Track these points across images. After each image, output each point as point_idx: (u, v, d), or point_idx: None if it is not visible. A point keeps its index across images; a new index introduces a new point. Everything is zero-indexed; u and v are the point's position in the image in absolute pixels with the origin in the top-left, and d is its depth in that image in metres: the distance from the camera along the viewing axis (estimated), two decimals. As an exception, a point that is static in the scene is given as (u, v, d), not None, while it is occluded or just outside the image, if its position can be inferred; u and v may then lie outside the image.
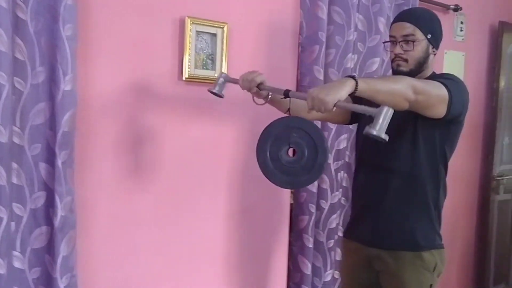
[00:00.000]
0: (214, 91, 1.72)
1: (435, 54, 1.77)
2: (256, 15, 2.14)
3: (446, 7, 3.02)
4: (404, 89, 1.45)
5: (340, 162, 2.46)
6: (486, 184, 3.49)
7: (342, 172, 2.49)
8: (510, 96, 3.51)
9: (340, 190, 2.50)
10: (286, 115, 1.68)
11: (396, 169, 1.70)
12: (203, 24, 1.95)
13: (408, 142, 1.68)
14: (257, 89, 1.63)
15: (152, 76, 1.87)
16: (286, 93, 1.54)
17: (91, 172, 1.77)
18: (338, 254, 2.49)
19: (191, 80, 1.94)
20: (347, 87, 1.38)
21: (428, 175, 1.69)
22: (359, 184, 1.83)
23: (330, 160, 2.40)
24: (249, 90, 1.64)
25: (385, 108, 1.30)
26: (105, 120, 1.78)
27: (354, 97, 1.51)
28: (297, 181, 1.57)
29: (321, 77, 2.32)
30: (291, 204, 2.39)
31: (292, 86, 2.29)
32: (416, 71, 1.72)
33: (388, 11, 2.63)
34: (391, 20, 2.63)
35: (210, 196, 2.07)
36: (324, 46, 2.31)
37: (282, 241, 2.33)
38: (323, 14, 2.28)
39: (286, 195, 2.33)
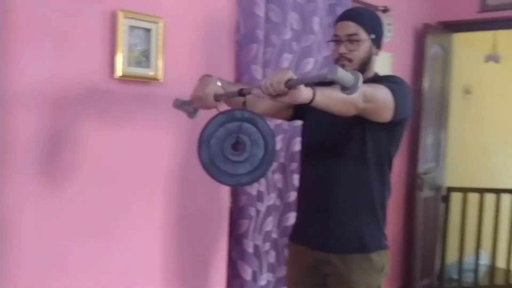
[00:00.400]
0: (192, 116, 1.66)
1: (377, 55, 1.77)
2: (192, 10, 2.02)
3: (375, 8, 3.07)
4: (355, 97, 1.41)
5: (275, 163, 2.41)
6: (412, 182, 3.62)
7: (278, 173, 2.44)
8: (433, 96, 3.67)
9: (276, 192, 2.45)
10: (229, 108, 1.60)
11: (344, 169, 1.68)
12: (137, 19, 1.80)
13: (357, 143, 1.66)
14: (217, 102, 1.53)
15: (81, 74, 1.70)
16: (241, 92, 1.45)
17: (12, 182, 1.56)
18: (272, 257, 2.44)
19: (125, 78, 1.79)
20: (307, 91, 1.32)
21: (374, 176, 1.68)
22: (306, 183, 1.79)
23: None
24: (208, 108, 1.53)
25: (338, 68, 1.21)
26: (29, 123, 1.58)
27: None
28: (243, 178, 1.48)
29: (260, 77, 2.25)
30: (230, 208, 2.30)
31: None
32: (360, 71, 1.70)
33: (322, 11, 2.62)
34: (325, 20, 2.66)
35: (146, 204, 1.93)
36: (262, 45, 2.24)
37: (221, 247, 2.23)
38: (260, 11, 2.21)
39: (225, 199, 2.24)
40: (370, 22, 1.72)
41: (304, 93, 1.30)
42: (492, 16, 3.43)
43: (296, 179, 2.56)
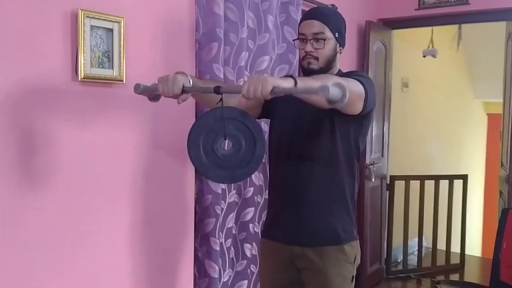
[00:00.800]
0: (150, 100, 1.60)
1: (341, 53, 1.82)
2: (152, 10, 1.99)
3: (324, 6, 3.14)
4: None
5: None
6: (361, 172, 3.75)
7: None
8: (377, 91, 3.81)
9: (236, 188, 2.48)
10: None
11: (316, 164, 1.72)
12: (98, 18, 1.75)
13: (327, 136, 1.71)
14: (183, 94, 1.50)
15: (42, 76, 1.63)
16: (217, 90, 1.44)
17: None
18: (232, 253, 2.47)
19: (88, 80, 1.73)
20: (287, 81, 1.35)
21: (345, 168, 1.74)
22: (278, 180, 1.81)
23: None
24: (173, 96, 1.50)
25: (329, 88, 1.26)
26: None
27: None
28: (236, 175, 1.50)
29: (221, 75, 2.26)
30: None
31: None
32: (325, 69, 1.76)
33: (276, 9, 2.66)
34: (279, 18, 2.70)
35: (113, 208, 1.88)
36: (222, 44, 2.24)
37: (188, 247, 2.22)
38: (220, 10, 2.21)
39: (190, 199, 2.23)
40: (335, 21, 1.77)
41: (285, 85, 1.33)
42: (429, 13, 3.62)
43: (254, 175, 2.60)
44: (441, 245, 4.29)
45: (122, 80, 1.84)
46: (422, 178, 4.27)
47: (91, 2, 1.74)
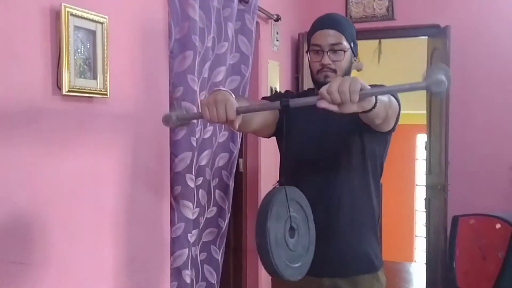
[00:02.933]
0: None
1: (354, 63, 1.70)
2: (129, 10, 1.67)
3: (271, 16, 3.02)
4: (395, 103, 1.31)
5: (200, 179, 2.18)
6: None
7: (201, 189, 2.20)
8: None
9: (199, 208, 2.22)
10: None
11: (346, 185, 1.57)
12: (81, 17, 1.40)
13: (357, 155, 1.57)
14: (238, 116, 1.22)
15: (15, 89, 1.23)
16: (286, 104, 1.19)
17: None
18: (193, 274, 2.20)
19: (72, 93, 1.37)
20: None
21: (373, 190, 1.61)
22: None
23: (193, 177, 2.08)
24: (226, 122, 1.21)
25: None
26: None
27: None
28: (303, 266, 1.30)
29: (196, 87, 2.00)
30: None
31: (165, 98, 1.89)
32: None
33: (235, 16, 2.46)
34: (238, 25, 2.49)
35: (95, 249, 1.51)
36: (198, 52, 1.99)
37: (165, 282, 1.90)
38: (195, 14, 1.96)
39: (167, 230, 1.92)
40: (350, 29, 1.65)
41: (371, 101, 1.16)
42: (356, 28, 3.69)
43: (217, 194, 2.37)
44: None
45: (106, 94, 1.50)
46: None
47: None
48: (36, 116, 1.29)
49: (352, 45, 1.63)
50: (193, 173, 2.06)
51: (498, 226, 2.66)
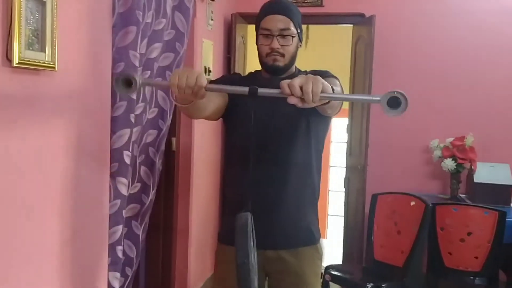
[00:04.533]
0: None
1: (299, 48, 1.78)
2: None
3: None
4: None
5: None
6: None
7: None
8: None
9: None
10: None
11: (292, 165, 1.65)
12: (31, -16, 1.33)
13: (302, 138, 1.65)
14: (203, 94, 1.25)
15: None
16: (254, 91, 1.23)
17: None
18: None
19: (22, 66, 1.31)
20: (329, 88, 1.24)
21: (315, 170, 1.71)
22: (251, 191, 1.67)
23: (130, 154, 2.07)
24: (193, 97, 1.23)
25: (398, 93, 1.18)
26: None
27: None
28: None
29: (137, 64, 1.97)
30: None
31: (108, 73, 1.85)
32: (289, 66, 1.71)
33: (174, -9, 2.44)
34: (176, 2, 2.47)
35: (41, 225, 1.47)
36: (141, 28, 1.96)
37: (103, 259, 1.89)
38: (139, -14, 1.92)
39: (105, 206, 1.89)
40: (298, 16, 1.72)
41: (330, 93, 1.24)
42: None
43: (142, 170, 2.36)
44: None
45: (54, 67, 1.45)
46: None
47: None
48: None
49: (298, 31, 1.70)
50: (130, 150, 2.04)
51: (412, 203, 2.91)
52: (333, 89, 1.30)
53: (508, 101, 3.67)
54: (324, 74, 1.66)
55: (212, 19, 3.23)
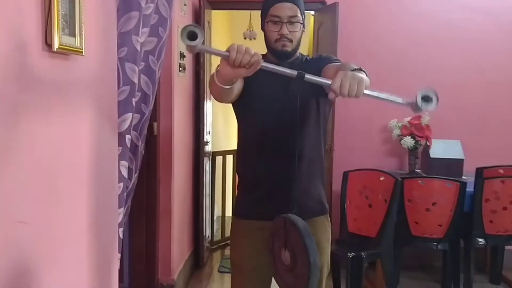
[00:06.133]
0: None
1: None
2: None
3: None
4: None
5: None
6: (199, 151, 3.82)
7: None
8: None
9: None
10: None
11: (306, 145, 1.78)
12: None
13: (315, 117, 1.79)
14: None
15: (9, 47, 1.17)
16: (301, 75, 1.34)
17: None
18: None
19: (61, 51, 1.33)
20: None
21: (322, 145, 1.87)
22: (267, 165, 1.80)
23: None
24: (244, 72, 1.33)
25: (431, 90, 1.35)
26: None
27: None
28: None
29: (139, 49, 2.01)
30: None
31: (115, 58, 1.88)
32: (296, 51, 1.84)
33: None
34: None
35: (72, 215, 1.50)
36: (142, 13, 1.99)
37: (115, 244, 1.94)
38: (140, -26, 1.95)
39: (116, 189, 1.93)
40: (302, 4, 1.83)
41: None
42: (250, -2, 3.89)
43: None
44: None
45: (82, 52, 1.47)
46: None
47: None
48: (30, 76, 1.23)
49: (303, 18, 1.82)
50: (131, 134, 2.09)
51: (382, 178, 3.14)
52: None
53: (457, 83, 4.01)
54: (334, 60, 1.81)
55: (185, 4, 3.26)
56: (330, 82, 1.34)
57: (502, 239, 3.31)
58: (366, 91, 1.34)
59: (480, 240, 3.27)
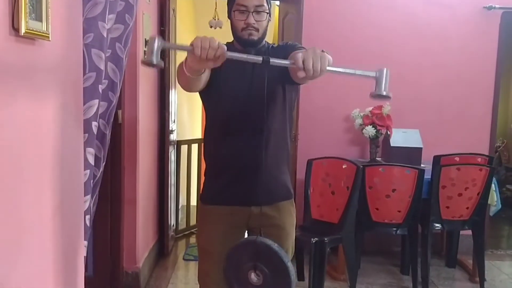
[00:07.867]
0: (154, 63, 1.32)
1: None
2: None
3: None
4: None
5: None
6: (164, 139, 3.81)
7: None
8: (172, 57, 3.89)
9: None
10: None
11: (273, 130, 1.82)
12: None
13: (280, 104, 1.83)
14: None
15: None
16: (267, 60, 1.37)
17: None
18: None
19: (28, 36, 1.32)
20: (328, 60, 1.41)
21: (288, 132, 1.91)
22: (231, 148, 1.82)
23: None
24: (211, 63, 1.35)
25: (385, 70, 1.41)
26: None
27: None
28: None
29: (105, 35, 1.99)
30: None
31: (81, 44, 1.86)
32: (262, 40, 1.87)
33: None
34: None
35: (36, 201, 1.50)
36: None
37: (81, 230, 1.93)
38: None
39: (82, 175, 1.93)
40: None
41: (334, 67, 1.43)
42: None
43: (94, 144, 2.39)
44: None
45: (48, 37, 1.46)
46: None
47: None
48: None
49: (269, 7, 1.85)
50: (98, 121, 2.08)
51: (344, 166, 3.23)
52: None
53: (416, 75, 4.15)
54: (299, 47, 1.85)
55: (150, -9, 3.24)
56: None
57: (457, 224, 3.46)
58: (330, 68, 1.37)
59: (437, 225, 3.41)
